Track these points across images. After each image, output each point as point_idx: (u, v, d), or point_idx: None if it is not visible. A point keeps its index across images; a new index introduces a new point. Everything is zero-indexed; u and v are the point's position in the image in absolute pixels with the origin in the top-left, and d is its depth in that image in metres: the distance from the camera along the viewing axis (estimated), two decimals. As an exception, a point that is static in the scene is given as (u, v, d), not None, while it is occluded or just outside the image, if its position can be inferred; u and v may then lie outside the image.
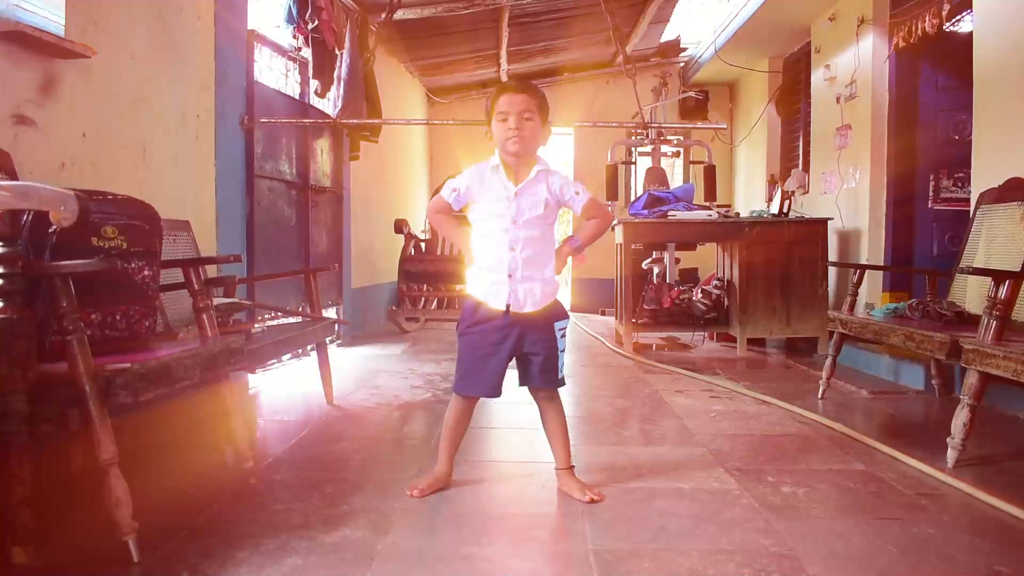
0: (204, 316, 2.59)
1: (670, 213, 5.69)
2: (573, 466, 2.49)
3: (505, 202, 2.38)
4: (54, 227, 2.20)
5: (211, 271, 3.66)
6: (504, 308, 2.38)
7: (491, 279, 2.40)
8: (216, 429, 2.68)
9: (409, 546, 2.03)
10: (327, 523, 2.16)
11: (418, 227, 7.97)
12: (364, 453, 2.96)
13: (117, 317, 2.30)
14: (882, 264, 5.57)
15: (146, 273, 2.37)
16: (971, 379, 2.78)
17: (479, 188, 2.41)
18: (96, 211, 2.31)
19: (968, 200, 4.77)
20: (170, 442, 3.04)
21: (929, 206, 5.61)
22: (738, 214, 6.45)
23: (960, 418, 2.78)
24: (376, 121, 5.78)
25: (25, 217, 2.16)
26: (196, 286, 2.61)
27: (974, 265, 3.59)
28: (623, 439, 3.20)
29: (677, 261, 6.95)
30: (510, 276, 2.38)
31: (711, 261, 7.06)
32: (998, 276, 2.88)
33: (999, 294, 2.84)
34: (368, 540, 2.04)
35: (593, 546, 2.01)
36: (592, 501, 2.34)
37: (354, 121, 5.57)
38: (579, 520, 2.18)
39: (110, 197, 2.40)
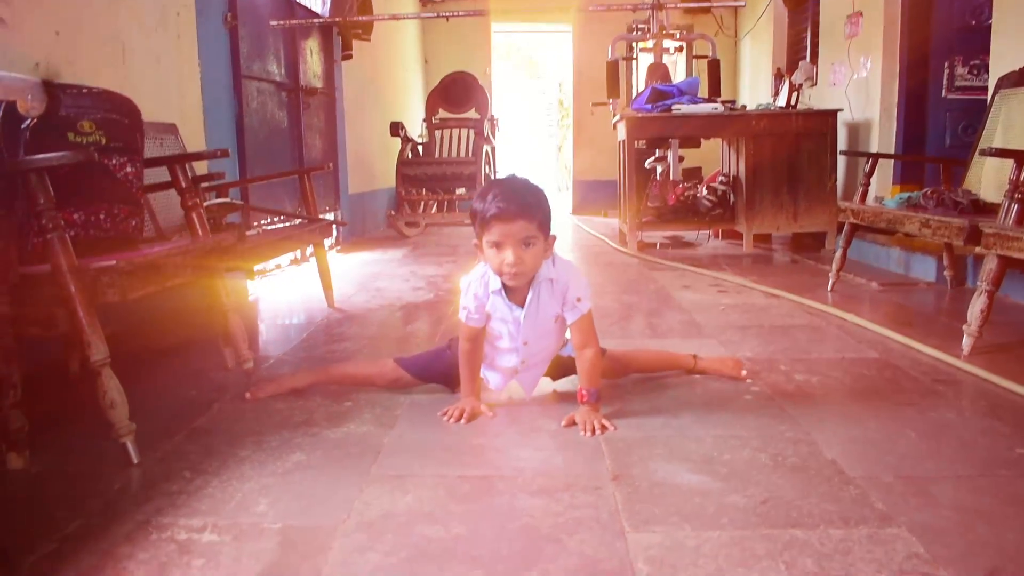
0: (194, 215, 2.49)
1: (674, 107, 5.50)
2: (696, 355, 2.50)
3: (511, 324, 2.11)
4: (27, 123, 2.09)
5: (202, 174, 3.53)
6: (502, 390, 2.27)
7: (491, 369, 2.24)
8: (215, 332, 2.62)
9: (416, 438, 1.98)
10: (331, 420, 2.11)
11: (415, 130, 7.77)
12: (367, 352, 2.90)
13: (101, 216, 2.19)
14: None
15: (128, 170, 2.26)
16: (990, 264, 2.69)
17: (487, 306, 2.11)
18: (71, 105, 2.19)
19: (984, 89, 4.59)
20: (169, 347, 2.99)
21: (943, 95, 5.41)
22: (744, 107, 6.26)
23: (977, 305, 2.70)
24: (369, 19, 5.54)
25: (-4, 113, 2.05)
26: (183, 184, 2.49)
27: (993, 150, 3.46)
28: (630, 332, 3.14)
29: (681, 159, 6.79)
30: (516, 372, 2.22)
31: (715, 160, 6.90)
32: (1021, 157, 2.76)
33: (1021, 177, 2.73)
34: (373, 434, 1.99)
35: (605, 434, 1.96)
36: (741, 378, 2.42)
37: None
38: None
39: (85, 90, 2.27)
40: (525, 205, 1.96)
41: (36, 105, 1.78)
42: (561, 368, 2.31)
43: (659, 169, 6.62)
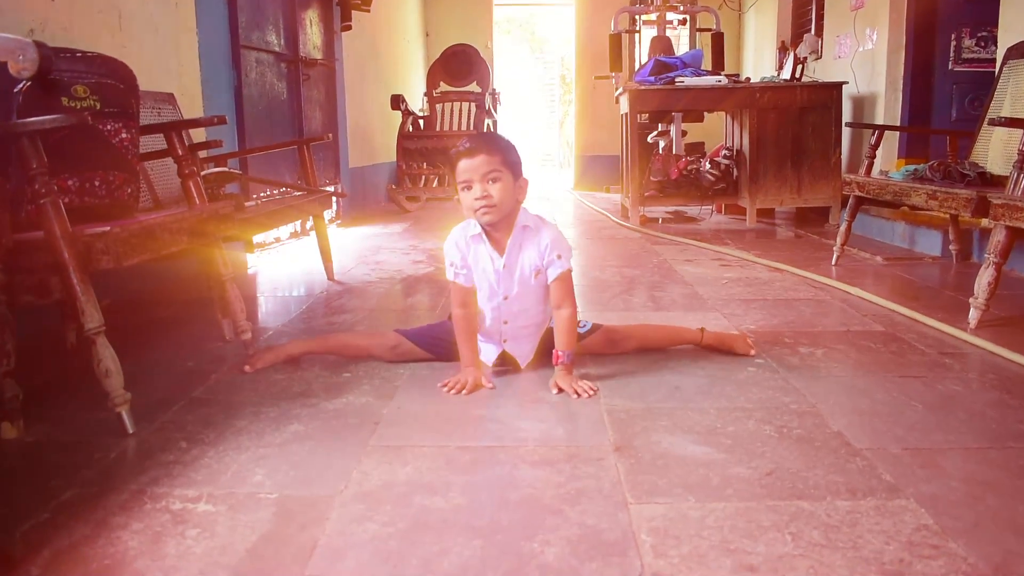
0: (191, 183, 2.44)
1: (677, 79, 5.44)
2: (703, 328, 2.44)
3: (494, 275, 2.14)
4: (20, 86, 2.04)
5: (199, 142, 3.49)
6: (492, 363, 2.25)
7: (483, 338, 2.24)
8: (213, 303, 2.59)
9: (415, 410, 1.95)
10: (329, 391, 2.08)
11: (416, 103, 7.69)
12: (367, 323, 2.87)
13: (96, 183, 2.15)
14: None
15: (123, 136, 2.21)
16: (998, 236, 2.66)
17: (468, 257, 2.16)
18: (65, 69, 2.14)
19: (991, 61, 4.53)
20: (167, 318, 2.97)
21: (949, 68, 5.34)
22: (748, 79, 6.18)
23: (984, 277, 2.67)
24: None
25: (-13, 78, 2.00)
26: (180, 151, 2.45)
27: (1001, 120, 3.40)
28: (632, 305, 3.11)
29: (684, 134, 6.73)
30: (504, 341, 2.22)
31: (718, 135, 6.83)
32: (1031, 126, 2.72)
33: (1031, 146, 2.69)
34: (372, 405, 1.97)
35: (607, 406, 1.94)
36: (748, 355, 2.35)
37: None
38: (591, 382, 2.09)
39: (79, 54, 2.22)
40: (485, 142, 2.09)
41: (28, 66, 1.73)
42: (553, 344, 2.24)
43: (662, 143, 6.56)
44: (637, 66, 7.34)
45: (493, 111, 7.44)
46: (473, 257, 2.15)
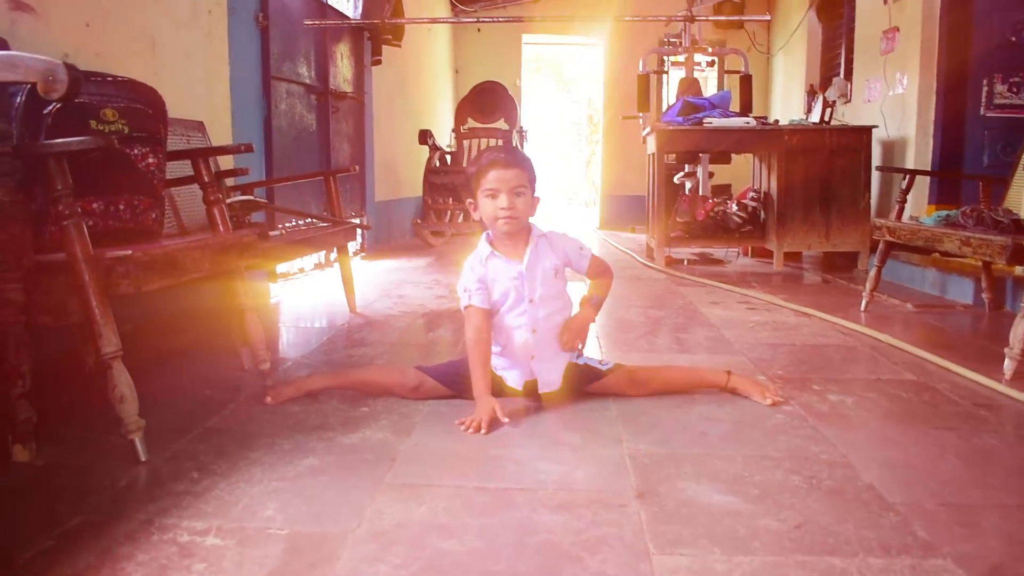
0: (215, 210, 2.44)
1: (706, 120, 5.42)
2: (730, 371, 2.38)
3: (516, 282, 2.19)
4: (49, 108, 2.05)
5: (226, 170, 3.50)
6: (521, 388, 2.26)
7: (508, 362, 2.26)
8: (233, 333, 2.57)
9: (433, 447, 1.90)
10: (346, 425, 2.04)
11: (443, 139, 7.73)
12: (387, 357, 2.83)
13: (121, 207, 2.14)
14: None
15: (150, 160, 2.21)
16: (1035, 285, 2.59)
17: (487, 276, 2.20)
18: (95, 93, 2.15)
19: (1024, 107, 4.48)
20: (187, 346, 2.95)
21: (981, 113, 5.27)
22: (777, 121, 6.15)
23: (1020, 327, 2.59)
24: (404, 21, 5.51)
25: (18, 99, 2.01)
26: (206, 178, 2.45)
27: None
28: (657, 347, 3.05)
29: (711, 175, 6.70)
30: (532, 358, 2.23)
31: (745, 177, 6.80)
32: (1070, 174, 2.66)
33: (1069, 194, 2.63)
34: (389, 441, 1.92)
35: (629, 450, 1.88)
36: (775, 404, 2.25)
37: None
38: (614, 425, 2.05)
39: (109, 78, 2.23)
40: (518, 158, 2.21)
41: (57, 88, 1.72)
42: (579, 377, 2.27)
43: (688, 184, 6.53)
44: (665, 107, 7.35)
45: (520, 148, 7.46)
46: (492, 274, 2.19)
